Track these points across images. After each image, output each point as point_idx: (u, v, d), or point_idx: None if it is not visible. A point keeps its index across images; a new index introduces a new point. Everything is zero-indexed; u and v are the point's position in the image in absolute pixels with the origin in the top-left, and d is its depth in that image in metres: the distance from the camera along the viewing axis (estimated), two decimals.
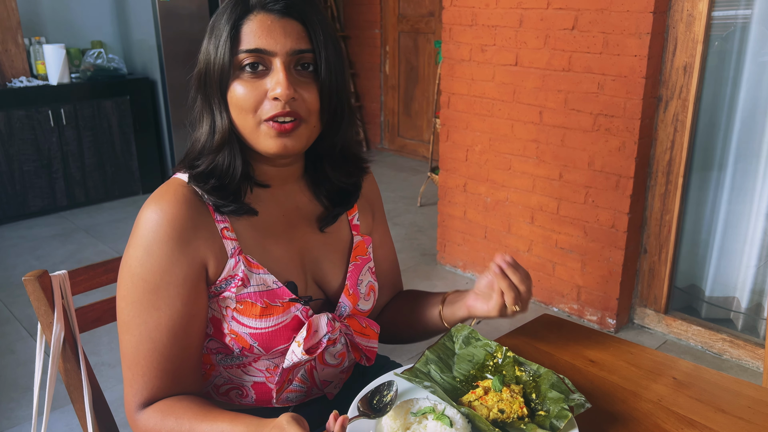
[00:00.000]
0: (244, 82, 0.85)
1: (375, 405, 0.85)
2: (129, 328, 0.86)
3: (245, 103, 0.85)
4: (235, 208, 0.88)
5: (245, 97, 0.84)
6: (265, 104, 0.85)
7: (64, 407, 2.10)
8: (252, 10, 0.85)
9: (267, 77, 0.84)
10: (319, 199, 1.00)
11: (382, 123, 5.68)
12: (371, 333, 1.01)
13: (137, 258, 0.85)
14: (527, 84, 2.66)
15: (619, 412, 0.92)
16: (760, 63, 2.25)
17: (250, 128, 0.86)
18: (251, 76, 0.85)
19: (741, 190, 2.38)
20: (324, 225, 1.00)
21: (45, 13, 4.27)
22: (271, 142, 0.86)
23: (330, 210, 1.00)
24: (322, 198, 1.00)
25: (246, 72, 0.85)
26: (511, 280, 0.93)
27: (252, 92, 0.84)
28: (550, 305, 2.82)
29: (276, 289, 0.90)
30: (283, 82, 0.83)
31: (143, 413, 0.86)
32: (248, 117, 0.85)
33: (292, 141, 0.86)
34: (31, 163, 3.86)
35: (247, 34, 0.84)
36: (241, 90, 0.85)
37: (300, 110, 0.85)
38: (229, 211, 0.89)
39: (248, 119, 0.85)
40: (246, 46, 0.84)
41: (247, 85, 0.84)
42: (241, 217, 0.91)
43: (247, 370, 0.95)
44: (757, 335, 2.39)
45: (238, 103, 0.85)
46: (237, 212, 0.89)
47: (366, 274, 1.03)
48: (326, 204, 1.00)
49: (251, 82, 0.84)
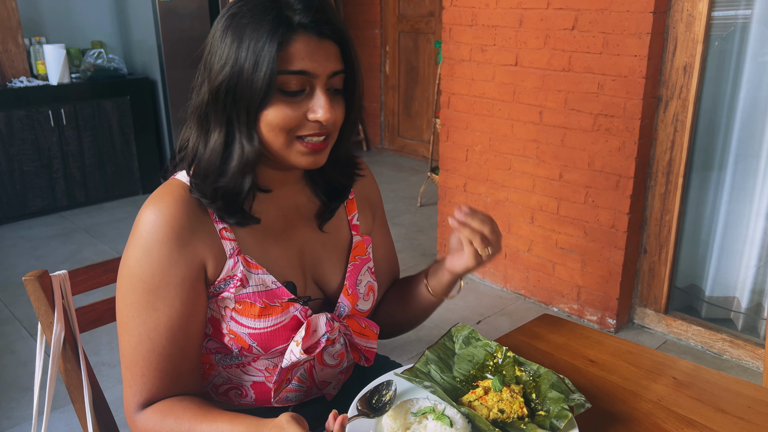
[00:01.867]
0: (286, 103, 0.83)
1: (374, 405, 0.85)
2: (128, 328, 0.86)
3: (284, 124, 0.84)
4: (240, 220, 0.89)
5: (285, 119, 0.83)
6: (303, 124, 0.85)
7: (64, 407, 2.10)
8: (296, 31, 0.81)
9: (305, 98, 0.84)
10: (318, 195, 1.01)
11: (382, 123, 5.68)
12: (370, 333, 1.01)
13: (136, 258, 0.85)
14: (527, 84, 2.66)
15: (619, 412, 0.92)
16: (760, 63, 2.25)
17: (281, 145, 0.86)
18: (291, 96, 0.83)
19: (741, 190, 2.38)
20: (322, 221, 1.00)
21: (45, 13, 4.27)
22: (302, 159, 0.87)
23: (327, 205, 1.01)
24: (320, 195, 1.01)
25: (286, 93, 0.83)
26: (473, 227, 0.93)
27: (293, 114, 0.84)
28: (550, 305, 2.82)
29: (275, 289, 0.90)
30: (326, 106, 0.84)
31: (143, 414, 0.86)
32: (281, 135, 0.85)
33: (321, 157, 0.89)
34: (32, 163, 3.86)
35: (292, 55, 0.81)
36: (281, 111, 0.83)
37: (331, 128, 0.88)
38: (233, 222, 0.89)
39: (280, 138, 0.85)
40: (292, 67, 0.81)
41: (287, 107, 0.83)
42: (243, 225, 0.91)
43: (247, 370, 0.95)
44: (757, 335, 2.39)
45: (275, 122, 0.84)
46: (241, 224, 0.89)
47: (365, 274, 1.03)
48: (324, 200, 1.01)
49: (292, 104, 0.83)
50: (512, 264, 2.93)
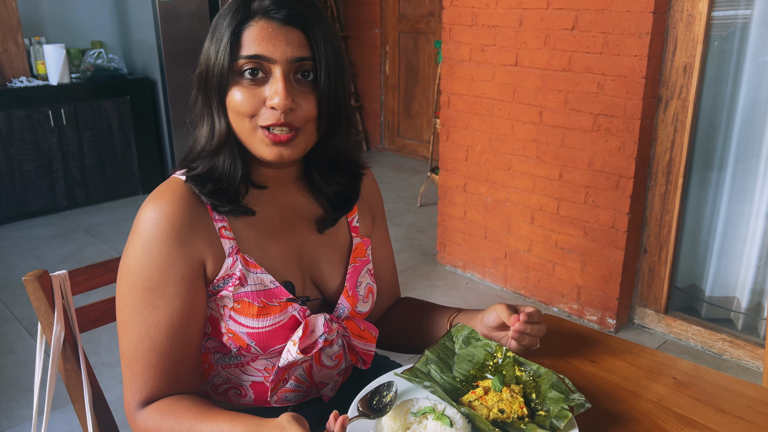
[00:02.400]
0: (243, 87, 0.84)
1: (375, 405, 0.85)
2: (128, 327, 0.86)
3: (243, 109, 0.85)
4: (232, 208, 0.89)
5: (243, 103, 0.84)
6: (262, 111, 0.85)
7: (64, 407, 2.10)
8: (254, 16, 0.84)
9: (266, 84, 0.84)
10: (319, 200, 1.00)
11: (382, 123, 5.68)
12: (369, 336, 1.00)
13: (136, 257, 0.85)
14: (527, 84, 2.66)
15: (619, 412, 0.92)
16: (760, 63, 2.25)
17: (246, 133, 0.86)
18: (250, 82, 0.84)
19: (741, 190, 2.38)
20: (323, 228, 1.00)
21: (45, 13, 4.27)
22: (266, 150, 0.86)
23: (329, 212, 1.00)
24: (321, 200, 1.00)
25: (245, 78, 0.84)
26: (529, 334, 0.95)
27: (250, 98, 0.84)
28: (550, 305, 2.82)
29: (273, 289, 0.90)
30: (282, 92, 0.82)
31: (143, 412, 0.86)
32: (245, 121, 0.85)
33: (288, 150, 0.86)
34: (31, 163, 3.86)
35: (247, 40, 0.84)
36: (239, 95, 0.84)
37: (296, 121, 0.85)
38: (226, 211, 0.89)
39: (245, 124, 0.86)
40: (246, 52, 0.83)
41: (245, 91, 0.84)
42: (239, 216, 0.91)
43: (246, 370, 0.95)
44: (757, 335, 2.39)
45: (235, 108, 0.85)
46: (234, 212, 0.89)
47: (365, 276, 1.02)
48: (326, 206, 1.00)
49: (250, 89, 0.84)
50: (512, 264, 2.93)
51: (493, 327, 0.98)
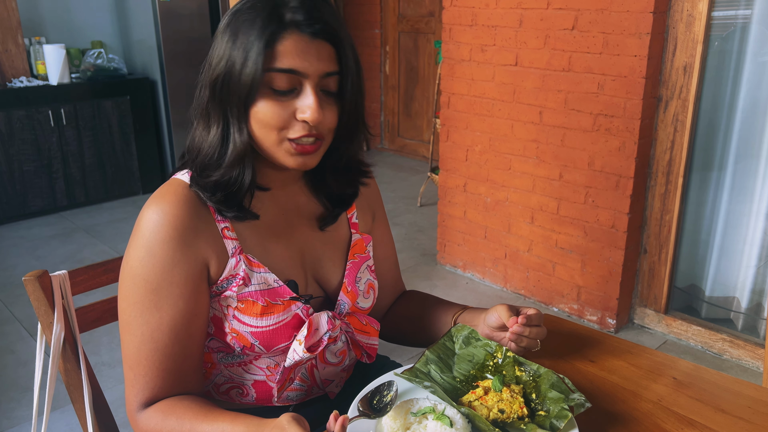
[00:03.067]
0: (273, 100, 0.83)
1: (375, 405, 0.85)
2: (131, 328, 0.86)
3: (273, 122, 0.84)
4: (239, 214, 0.89)
5: (273, 116, 0.83)
6: (293, 124, 0.85)
7: (64, 407, 2.10)
8: (286, 28, 0.81)
9: (295, 97, 0.84)
10: (319, 198, 1.01)
11: (382, 123, 5.68)
12: (371, 330, 1.01)
13: (139, 258, 0.85)
14: (527, 84, 2.66)
15: (619, 412, 0.92)
16: (760, 63, 2.25)
17: (271, 143, 0.86)
18: (281, 95, 0.83)
19: (741, 190, 2.38)
20: (324, 225, 1.00)
21: (45, 13, 4.27)
22: (291, 160, 0.87)
23: (330, 210, 1.01)
24: (322, 198, 1.01)
25: (275, 90, 0.83)
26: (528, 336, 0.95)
27: (280, 112, 0.83)
28: (550, 305, 2.82)
29: (277, 288, 0.90)
30: (315, 106, 0.83)
31: (144, 413, 0.86)
32: (272, 134, 0.85)
33: (311, 159, 0.88)
34: (31, 163, 3.86)
35: (281, 53, 0.81)
36: (269, 108, 0.83)
37: (322, 131, 0.86)
38: (231, 217, 0.89)
39: (271, 135, 0.85)
40: (280, 65, 0.81)
41: (275, 105, 0.83)
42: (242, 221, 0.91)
43: (248, 369, 0.96)
44: (757, 335, 2.39)
45: (264, 119, 0.84)
46: (240, 218, 0.89)
47: (365, 272, 1.03)
48: (326, 204, 1.01)
49: (280, 102, 0.83)
50: (512, 264, 2.93)
51: (495, 327, 0.98)
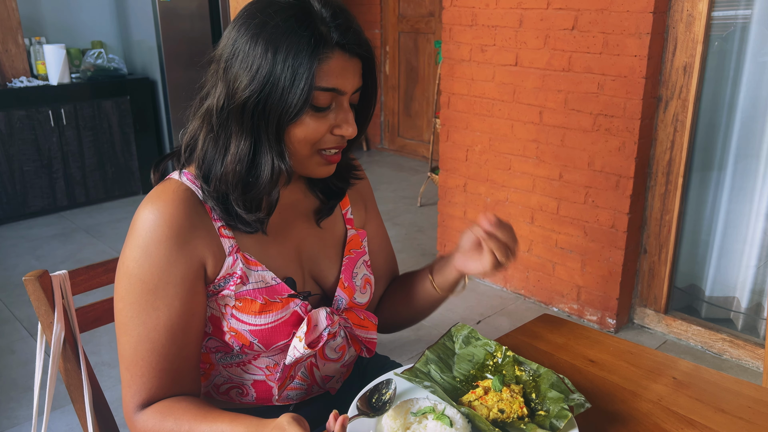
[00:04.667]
0: (314, 118, 0.84)
1: (374, 403, 0.85)
2: (127, 329, 0.86)
3: (311, 138, 0.85)
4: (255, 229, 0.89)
5: (313, 133, 0.85)
6: (326, 137, 0.87)
7: (64, 407, 2.10)
8: (333, 48, 0.82)
9: (331, 113, 0.86)
10: (314, 192, 1.02)
11: (382, 123, 5.68)
12: (369, 325, 1.01)
13: (135, 259, 0.84)
14: (527, 84, 2.66)
15: (619, 412, 0.92)
16: (760, 63, 2.25)
17: (303, 157, 0.88)
18: (319, 111, 0.85)
19: (741, 190, 2.38)
20: (320, 218, 1.01)
21: (45, 13, 4.27)
22: (320, 170, 0.90)
23: (325, 203, 1.02)
24: (316, 192, 1.02)
25: (315, 108, 0.84)
26: (499, 238, 0.93)
27: (320, 128, 0.85)
28: (550, 305, 2.82)
29: (275, 286, 0.90)
30: (352, 121, 0.87)
31: (142, 414, 0.86)
32: (306, 148, 0.86)
33: (335, 166, 0.93)
34: (32, 163, 3.86)
35: (327, 72, 0.82)
36: (311, 126, 0.84)
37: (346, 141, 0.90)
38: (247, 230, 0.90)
39: (305, 150, 0.87)
40: (325, 84, 0.82)
41: (315, 121, 0.84)
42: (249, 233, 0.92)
43: (247, 369, 0.95)
44: (757, 335, 2.39)
45: (304, 136, 0.85)
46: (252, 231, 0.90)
47: (361, 267, 1.03)
48: (321, 197, 1.02)
49: (317, 119, 0.85)
50: (512, 264, 2.93)
51: (469, 248, 0.98)
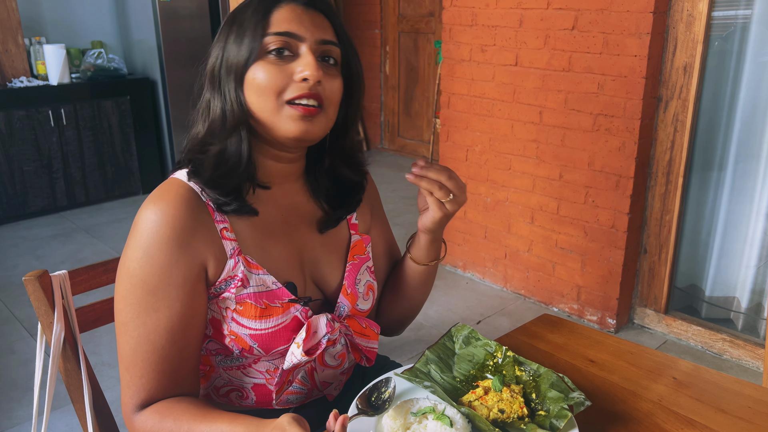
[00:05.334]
0: (269, 64, 0.85)
1: (373, 402, 0.85)
2: (127, 329, 0.85)
3: (270, 84, 0.84)
4: (238, 206, 0.88)
5: (271, 79, 0.84)
6: (290, 86, 0.85)
7: (64, 407, 2.10)
8: (280, 2, 0.87)
9: (293, 62, 0.86)
10: (318, 201, 1.00)
11: (382, 123, 5.68)
12: (371, 333, 1.00)
13: (136, 259, 0.84)
14: (527, 84, 2.66)
15: (619, 412, 0.92)
16: (760, 63, 2.25)
17: (271, 110, 0.85)
18: (277, 59, 0.85)
19: (741, 191, 2.38)
20: (324, 228, 0.99)
21: (45, 13, 4.27)
22: (293, 126, 0.85)
23: (330, 213, 1.00)
24: (321, 200, 1.00)
25: (272, 56, 0.85)
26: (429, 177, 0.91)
27: (278, 74, 0.85)
28: (550, 305, 2.82)
29: (275, 290, 0.90)
30: (313, 63, 0.84)
31: (141, 415, 0.86)
32: (270, 99, 0.85)
33: (313, 126, 0.86)
34: (32, 163, 3.86)
35: (276, 20, 0.86)
36: (265, 72, 0.85)
37: (324, 96, 0.87)
38: (231, 210, 0.88)
39: (270, 101, 0.85)
40: (276, 29, 0.85)
41: (272, 68, 0.85)
42: (241, 217, 0.90)
43: (247, 372, 0.95)
44: (757, 335, 2.39)
45: (261, 84, 0.85)
46: (239, 211, 0.88)
47: (364, 274, 1.02)
48: (325, 207, 1.00)
49: (277, 65, 0.85)
50: (512, 264, 2.93)
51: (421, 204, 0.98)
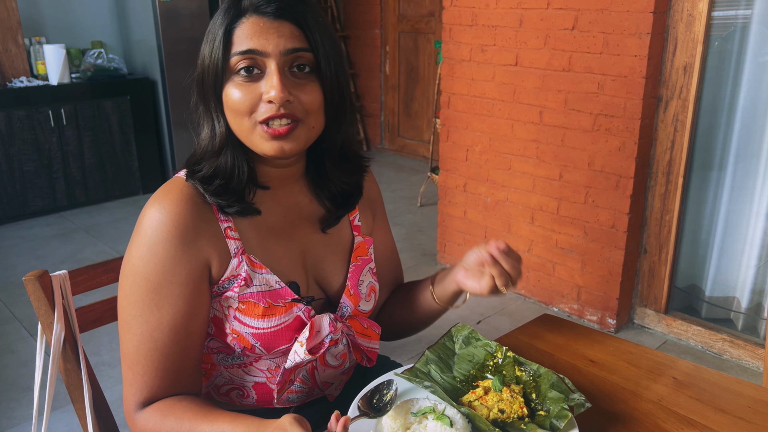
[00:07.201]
0: (238, 85, 0.84)
1: (375, 404, 0.85)
2: (130, 327, 0.85)
3: (240, 107, 0.84)
4: (240, 208, 0.88)
5: (240, 101, 0.84)
6: (260, 107, 0.84)
7: (64, 407, 2.10)
8: (244, 14, 0.84)
9: (261, 80, 0.84)
10: (321, 200, 1.00)
11: (382, 123, 5.68)
12: (372, 334, 1.01)
13: (140, 257, 0.84)
14: (527, 84, 2.66)
15: (619, 412, 0.92)
16: (760, 63, 2.25)
17: (246, 131, 0.86)
18: (245, 79, 0.84)
19: (741, 190, 2.38)
20: (326, 226, 0.99)
21: (45, 13, 4.27)
22: (266, 145, 0.85)
23: (332, 212, 1.00)
24: (323, 199, 1.00)
25: (240, 75, 0.84)
26: (504, 267, 0.92)
27: (246, 95, 0.84)
28: (550, 305, 2.82)
29: (278, 289, 0.90)
30: (277, 84, 0.82)
31: (143, 413, 0.86)
32: (243, 120, 0.85)
33: (289, 143, 0.85)
34: (32, 163, 3.86)
35: (239, 36, 0.84)
36: (235, 93, 0.84)
37: (296, 112, 0.85)
38: (234, 212, 0.88)
39: (243, 122, 0.85)
40: (239, 48, 0.83)
41: (241, 88, 0.84)
42: (245, 217, 0.91)
43: (249, 370, 0.95)
44: (757, 335, 2.39)
45: (233, 106, 0.85)
46: (242, 213, 0.89)
47: (367, 275, 1.02)
48: (328, 205, 1.00)
49: (245, 85, 0.84)
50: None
51: (472, 265, 0.97)
